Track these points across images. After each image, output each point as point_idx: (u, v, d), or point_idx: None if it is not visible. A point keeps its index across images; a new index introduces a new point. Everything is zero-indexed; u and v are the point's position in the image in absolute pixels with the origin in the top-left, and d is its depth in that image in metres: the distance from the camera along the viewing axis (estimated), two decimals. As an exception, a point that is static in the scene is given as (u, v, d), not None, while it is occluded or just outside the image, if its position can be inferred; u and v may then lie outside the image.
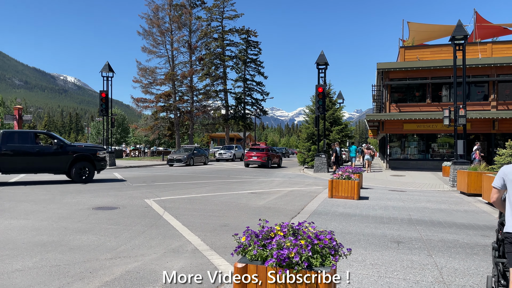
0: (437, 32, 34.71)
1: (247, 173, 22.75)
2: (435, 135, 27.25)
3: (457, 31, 16.49)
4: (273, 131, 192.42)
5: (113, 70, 28.98)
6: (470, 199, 12.53)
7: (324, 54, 24.36)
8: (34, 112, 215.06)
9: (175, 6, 42.86)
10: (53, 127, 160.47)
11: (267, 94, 55.68)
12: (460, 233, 7.41)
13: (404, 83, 27.49)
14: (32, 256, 5.43)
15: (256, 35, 53.57)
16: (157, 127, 43.58)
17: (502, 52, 26.34)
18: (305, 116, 33.07)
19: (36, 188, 13.42)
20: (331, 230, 3.38)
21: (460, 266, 5.30)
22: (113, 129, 33.04)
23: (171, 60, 42.56)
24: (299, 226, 3.37)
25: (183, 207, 9.78)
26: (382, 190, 14.65)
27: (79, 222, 7.76)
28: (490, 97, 25.84)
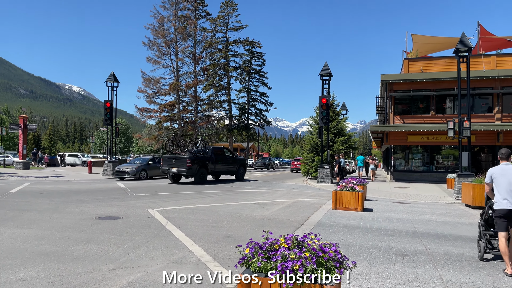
0: (441, 44, 34.80)
1: (250, 183, 22.70)
2: (439, 147, 27.16)
3: (461, 43, 16.52)
4: (277, 142, 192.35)
5: (118, 80, 29.16)
6: (475, 212, 12.43)
7: (328, 66, 24.44)
8: (39, 121, 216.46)
9: (180, 17, 43.24)
10: (57, 136, 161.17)
11: (270, 105, 55.82)
12: (465, 246, 7.34)
13: (408, 95, 27.50)
14: (35, 266, 5.42)
15: (260, 46, 53.91)
16: (160, 137, 43.67)
17: (506, 65, 26.34)
18: (309, 126, 33.06)
19: (39, 198, 13.44)
20: (335, 243, 3.35)
21: (466, 280, 5.24)
22: (117, 139, 33.13)
23: (175, 71, 42.81)
24: (303, 238, 3.36)
25: (186, 218, 9.75)
26: (386, 202, 14.56)
27: (82, 232, 7.75)
28: (494, 110, 25.78)
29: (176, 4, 42.64)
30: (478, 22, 31.45)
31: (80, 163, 49.91)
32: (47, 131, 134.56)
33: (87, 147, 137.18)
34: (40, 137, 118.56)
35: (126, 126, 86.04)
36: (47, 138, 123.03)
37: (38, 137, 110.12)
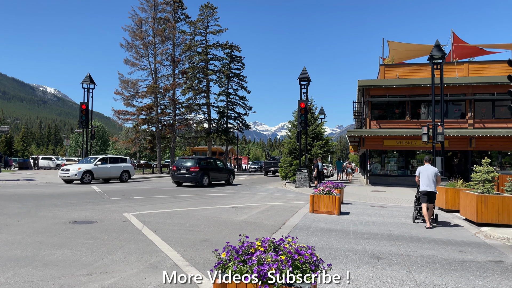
0: (416, 51, 35.60)
1: (229, 187, 22.62)
2: (414, 152, 27.73)
3: (435, 51, 16.96)
4: (256, 146, 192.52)
5: (94, 82, 28.68)
6: (448, 215, 12.72)
7: (306, 70, 24.67)
8: (11, 123, 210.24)
9: (159, 19, 42.89)
10: (31, 138, 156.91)
11: (250, 109, 55.85)
12: (438, 249, 7.49)
13: (384, 100, 28.01)
14: (4, 272, 5.25)
15: (240, 50, 53.94)
16: (138, 140, 43.11)
17: (479, 72, 27.15)
18: (288, 131, 33.25)
19: (10, 201, 13.04)
20: (311, 246, 3.37)
21: (438, 282, 5.35)
22: (93, 142, 32.50)
23: (153, 73, 42.39)
24: (280, 242, 3.36)
25: (163, 222, 9.63)
26: (362, 205, 14.75)
27: (55, 237, 7.55)
28: (467, 115, 26.52)
29: (155, 6, 42.31)
30: (452, 30, 32.36)
31: (55, 166, 48.70)
32: (20, 133, 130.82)
33: (62, 150, 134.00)
34: (13, 140, 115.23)
35: (102, 129, 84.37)
36: (20, 140, 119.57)
37: (10, 140, 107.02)
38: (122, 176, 25.22)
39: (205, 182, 22.20)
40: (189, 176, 21.74)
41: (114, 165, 24.87)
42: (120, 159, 26.06)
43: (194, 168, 21.80)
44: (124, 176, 25.36)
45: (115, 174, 24.88)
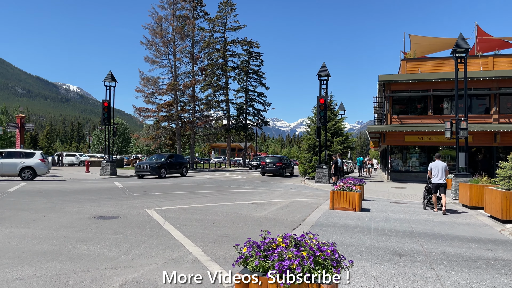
0: (438, 45, 34.86)
1: (248, 183, 22.71)
2: (436, 147, 27.22)
3: (459, 44, 16.56)
4: (274, 142, 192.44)
5: (115, 79, 29.12)
6: (472, 212, 12.47)
7: (325, 66, 24.47)
8: (36, 121, 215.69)
9: (178, 17, 43.20)
10: (55, 135, 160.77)
11: (268, 105, 55.84)
12: (462, 246, 7.36)
13: (405, 95, 27.56)
14: (32, 265, 5.41)
15: (258, 46, 53.93)
16: (158, 137, 43.62)
17: (504, 65, 26.42)
18: (307, 127, 33.10)
19: (36, 197, 13.41)
20: (333, 242, 3.36)
21: (462, 279, 5.26)
22: (114, 138, 33.07)
23: (173, 70, 42.76)
24: (301, 238, 3.36)
25: (184, 217, 9.75)
26: (383, 202, 14.59)
27: (80, 231, 7.74)
28: (491, 110, 25.86)
29: (174, 3, 42.60)
30: (476, 23, 31.63)
31: (78, 163, 49.83)
32: (44, 131, 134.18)
33: (85, 146, 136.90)
34: (38, 137, 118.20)
35: (124, 126, 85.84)
36: (44, 137, 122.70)
37: (35, 137, 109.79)
38: (21, 173, 21.06)
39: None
40: (273, 168, 30.42)
41: (10, 160, 21.08)
42: (24, 154, 21.75)
43: (279, 163, 30.51)
44: (25, 174, 21.10)
45: (12, 172, 21.07)
